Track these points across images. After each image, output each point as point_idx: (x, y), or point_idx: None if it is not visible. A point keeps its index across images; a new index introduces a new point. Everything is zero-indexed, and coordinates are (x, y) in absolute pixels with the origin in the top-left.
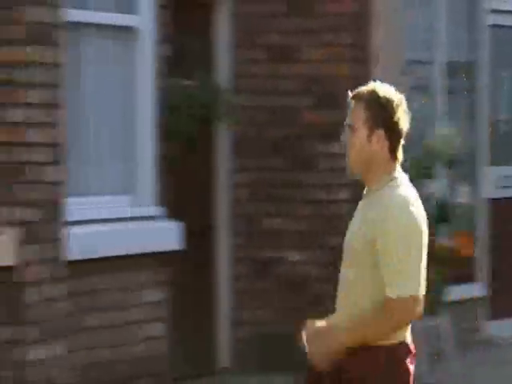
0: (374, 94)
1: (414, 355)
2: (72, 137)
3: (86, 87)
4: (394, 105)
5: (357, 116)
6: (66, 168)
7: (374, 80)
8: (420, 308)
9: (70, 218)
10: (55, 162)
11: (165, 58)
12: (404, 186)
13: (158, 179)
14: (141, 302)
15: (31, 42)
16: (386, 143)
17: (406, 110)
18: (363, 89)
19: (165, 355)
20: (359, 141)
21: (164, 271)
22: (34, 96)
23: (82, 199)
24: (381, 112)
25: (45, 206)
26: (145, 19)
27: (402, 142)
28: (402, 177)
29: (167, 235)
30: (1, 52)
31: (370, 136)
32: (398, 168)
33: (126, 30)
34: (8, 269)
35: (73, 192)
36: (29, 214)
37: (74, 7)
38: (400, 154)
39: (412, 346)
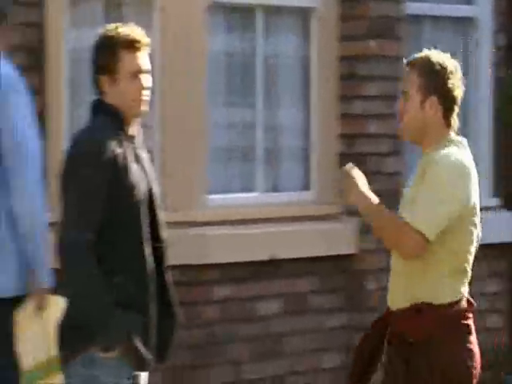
0: (427, 61)
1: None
2: None
3: None
4: (448, 71)
5: (411, 83)
6: (403, 159)
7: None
8: (421, 251)
9: None
10: (395, 153)
11: (501, 47)
12: (458, 148)
13: (493, 170)
14: (480, 292)
15: (374, 35)
16: (440, 110)
17: (461, 76)
18: (418, 56)
19: (503, 347)
20: (413, 107)
21: (500, 263)
22: (372, 88)
23: None
24: (434, 78)
25: (384, 196)
26: (483, 9)
27: (457, 109)
28: (457, 141)
29: (504, 226)
30: (345, 46)
31: (423, 102)
32: (454, 135)
33: (464, 20)
34: (348, 257)
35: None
36: None
37: (414, 0)
38: (454, 121)
39: (469, 301)
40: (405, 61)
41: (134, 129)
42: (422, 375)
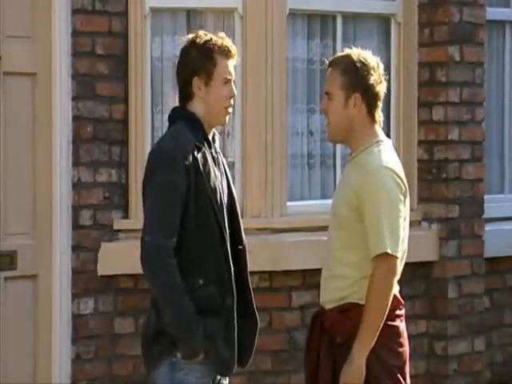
0: (348, 59)
1: (403, 305)
2: (490, 134)
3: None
4: (370, 68)
5: (333, 82)
6: (484, 165)
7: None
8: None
9: (487, 215)
10: (476, 159)
11: None
12: (383, 149)
13: None
14: None
15: (454, 41)
16: (364, 106)
17: (383, 73)
18: (339, 55)
19: None
20: (337, 106)
21: None
22: (452, 95)
23: (500, 196)
24: (356, 75)
25: (465, 203)
26: None
27: (380, 104)
28: (382, 140)
29: None
30: (425, 52)
31: (347, 100)
32: (380, 131)
33: None
34: (429, 264)
35: (490, 189)
36: (449, 210)
37: (494, 6)
38: (379, 117)
39: (399, 300)
40: (326, 62)
41: (213, 135)
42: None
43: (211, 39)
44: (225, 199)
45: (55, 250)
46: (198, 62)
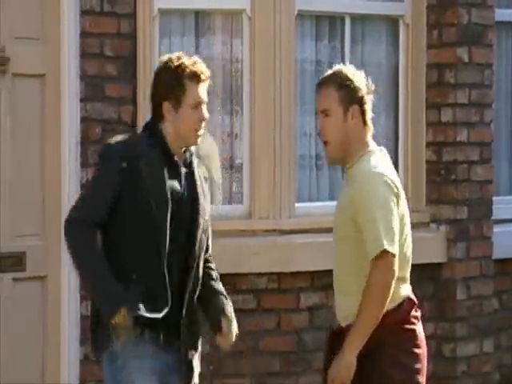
0: (340, 75)
1: (417, 306)
2: (499, 135)
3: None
4: (360, 81)
5: (330, 99)
6: (493, 166)
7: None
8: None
9: (496, 217)
10: (484, 161)
11: None
12: (373, 157)
13: None
14: None
15: (463, 43)
16: (360, 117)
17: (369, 84)
18: (328, 74)
19: None
20: (337, 120)
21: None
22: (461, 96)
23: (508, 198)
24: (352, 89)
25: (473, 205)
26: None
27: (371, 114)
28: (373, 151)
29: None
30: (433, 53)
31: (346, 113)
32: (371, 142)
33: None
34: (438, 266)
35: (499, 191)
36: (458, 212)
37: (503, 7)
38: (371, 125)
39: (412, 301)
40: (316, 83)
41: (187, 152)
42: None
43: (182, 64)
44: (176, 213)
45: (64, 252)
46: (168, 88)
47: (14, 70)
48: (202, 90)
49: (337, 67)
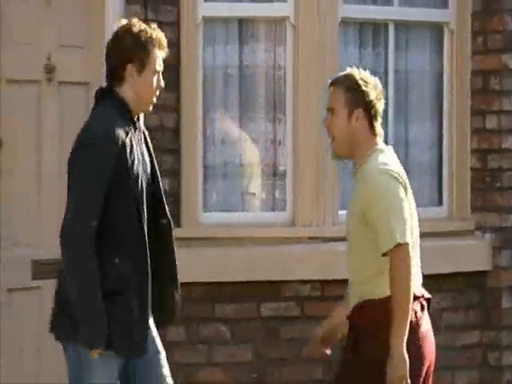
0: (351, 78)
1: (425, 299)
2: None
3: None
4: (371, 86)
5: (337, 99)
6: None
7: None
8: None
9: None
10: None
11: None
12: (381, 156)
13: None
14: None
15: (508, 49)
16: (366, 120)
17: (382, 90)
18: (340, 74)
19: None
20: (341, 121)
21: None
22: (506, 103)
23: None
24: (358, 92)
25: None
26: None
27: (380, 119)
28: (382, 149)
29: None
30: (478, 60)
31: (350, 115)
32: (380, 142)
33: None
34: (483, 274)
35: None
36: (503, 219)
37: None
38: (380, 130)
39: (421, 291)
40: (328, 81)
41: (139, 121)
42: (368, 353)
43: (145, 29)
44: (145, 180)
45: None
46: (133, 50)
47: (59, 79)
48: (161, 58)
49: (349, 70)
